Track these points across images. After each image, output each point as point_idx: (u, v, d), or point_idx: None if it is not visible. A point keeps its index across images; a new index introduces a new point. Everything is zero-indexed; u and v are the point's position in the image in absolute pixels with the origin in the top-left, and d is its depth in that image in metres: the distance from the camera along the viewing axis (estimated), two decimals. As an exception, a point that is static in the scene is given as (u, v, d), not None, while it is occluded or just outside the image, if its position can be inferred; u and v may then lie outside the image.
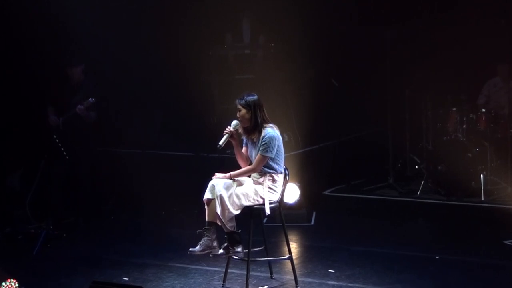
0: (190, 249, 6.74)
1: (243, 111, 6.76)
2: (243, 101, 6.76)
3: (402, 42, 10.65)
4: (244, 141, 6.93)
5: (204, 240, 6.68)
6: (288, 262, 7.09)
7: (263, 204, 6.73)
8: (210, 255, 6.76)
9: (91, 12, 9.96)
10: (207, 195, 6.66)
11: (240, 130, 6.86)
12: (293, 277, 6.95)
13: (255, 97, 6.78)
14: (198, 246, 6.70)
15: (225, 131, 6.84)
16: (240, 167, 6.90)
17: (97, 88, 9.39)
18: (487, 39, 10.30)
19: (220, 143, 6.81)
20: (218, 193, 6.59)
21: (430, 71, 10.38)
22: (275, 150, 6.72)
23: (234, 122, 6.85)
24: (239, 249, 6.73)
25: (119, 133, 10.57)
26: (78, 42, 9.84)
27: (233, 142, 6.90)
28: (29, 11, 9.96)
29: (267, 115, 6.80)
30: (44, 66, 9.80)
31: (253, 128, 6.76)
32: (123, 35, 10.52)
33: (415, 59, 10.66)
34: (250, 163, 6.84)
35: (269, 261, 7.20)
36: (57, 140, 8.83)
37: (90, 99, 9.11)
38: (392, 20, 10.62)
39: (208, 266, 7.59)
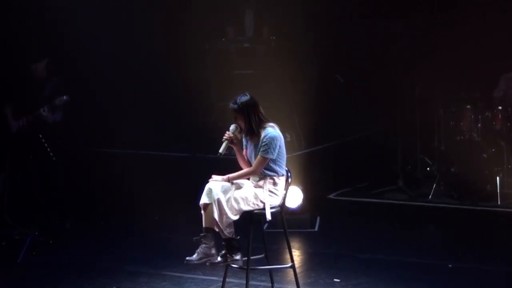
0: (187, 258, 6.72)
1: (238, 116, 6.74)
2: (236, 105, 6.72)
3: (409, 38, 10.65)
4: (243, 143, 6.92)
5: (201, 247, 6.65)
6: (290, 271, 7.07)
7: (264, 208, 6.72)
8: (207, 263, 6.74)
9: (91, 12, 10.05)
10: (204, 200, 6.64)
11: (238, 135, 6.83)
12: (295, 287, 6.94)
13: (247, 97, 6.73)
14: (195, 254, 6.68)
15: (224, 137, 6.82)
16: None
17: (66, 85, 9.17)
18: (494, 37, 10.30)
19: (220, 150, 6.78)
20: (216, 197, 6.58)
21: (439, 68, 10.38)
22: (276, 151, 6.70)
23: (232, 127, 6.82)
24: (237, 257, 6.72)
25: (115, 133, 10.61)
26: (46, 37, 9.94)
27: (234, 148, 6.87)
28: (29, 10, 10.12)
29: (263, 114, 6.76)
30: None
31: (249, 132, 6.74)
32: (123, 35, 10.63)
33: (424, 55, 10.65)
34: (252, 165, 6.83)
35: (270, 270, 7.18)
36: (43, 140, 8.80)
37: (64, 97, 8.91)
38: (397, 15, 10.64)
39: (204, 275, 7.59)
